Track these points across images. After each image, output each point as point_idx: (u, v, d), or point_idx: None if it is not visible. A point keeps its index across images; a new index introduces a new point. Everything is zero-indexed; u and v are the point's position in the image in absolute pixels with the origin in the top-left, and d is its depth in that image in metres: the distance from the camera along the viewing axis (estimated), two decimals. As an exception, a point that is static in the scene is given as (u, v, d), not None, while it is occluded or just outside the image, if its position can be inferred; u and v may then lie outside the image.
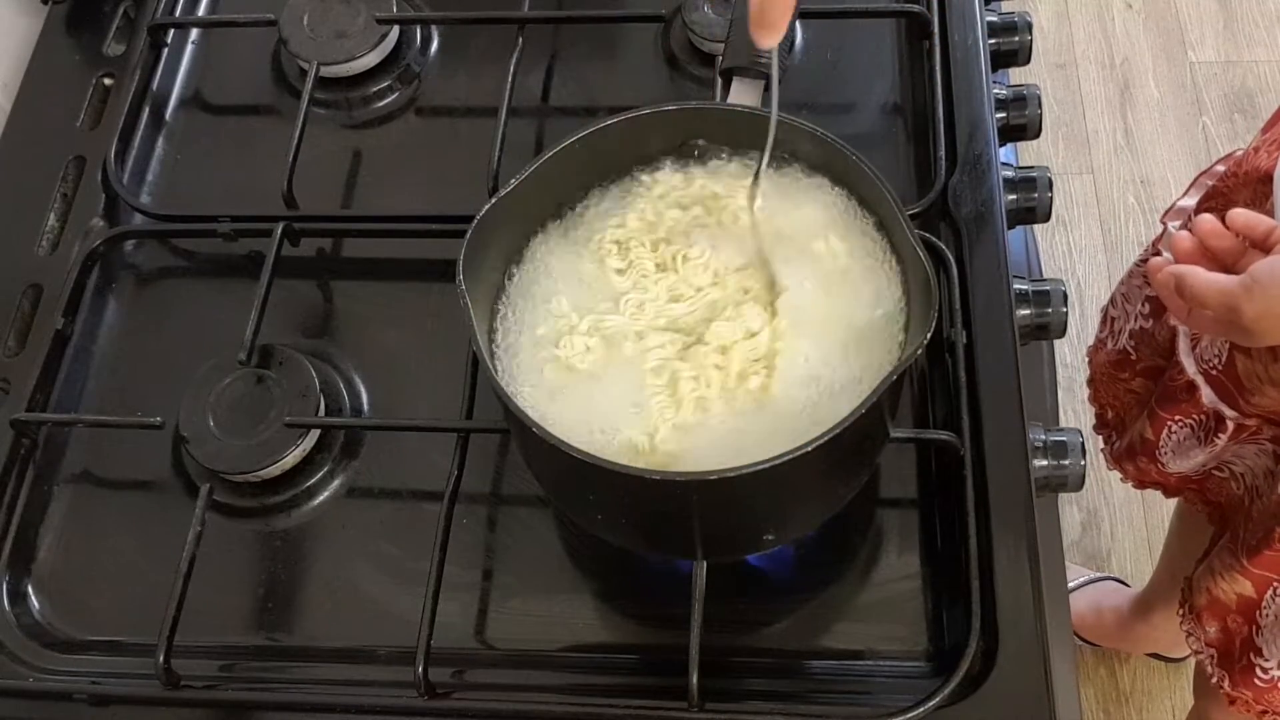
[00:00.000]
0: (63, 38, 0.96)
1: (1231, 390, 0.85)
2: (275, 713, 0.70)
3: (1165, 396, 0.93)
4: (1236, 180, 0.88)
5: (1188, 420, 0.91)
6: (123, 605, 0.75)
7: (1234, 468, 0.94)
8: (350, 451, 0.79)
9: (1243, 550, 0.91)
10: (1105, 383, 1.08)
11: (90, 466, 0.80)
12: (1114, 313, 1.07)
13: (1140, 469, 1.02)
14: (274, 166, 0.84)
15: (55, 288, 0.83)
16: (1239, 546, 0.92)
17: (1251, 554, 0.89)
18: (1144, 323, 0.99)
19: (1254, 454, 0.91)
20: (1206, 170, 0.95)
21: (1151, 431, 0.96)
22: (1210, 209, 0.91)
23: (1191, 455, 0.93)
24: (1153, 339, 0.97)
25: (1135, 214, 1.89)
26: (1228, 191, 0.89)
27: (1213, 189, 0.92)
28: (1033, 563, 0.69)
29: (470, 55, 0.94)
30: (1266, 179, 0.81)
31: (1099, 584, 1.54)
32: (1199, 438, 0.91)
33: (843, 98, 0.89)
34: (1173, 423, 0.93)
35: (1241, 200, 0.86)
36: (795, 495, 0.64)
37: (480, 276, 0.65)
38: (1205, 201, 0.92)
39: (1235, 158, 0.90)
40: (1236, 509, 0.95)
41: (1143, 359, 1.00)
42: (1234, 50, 2.02)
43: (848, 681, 0.70)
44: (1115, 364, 1.04)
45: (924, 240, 0.65)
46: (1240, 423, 0.86)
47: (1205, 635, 0.97)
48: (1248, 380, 0.83)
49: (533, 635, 0.72)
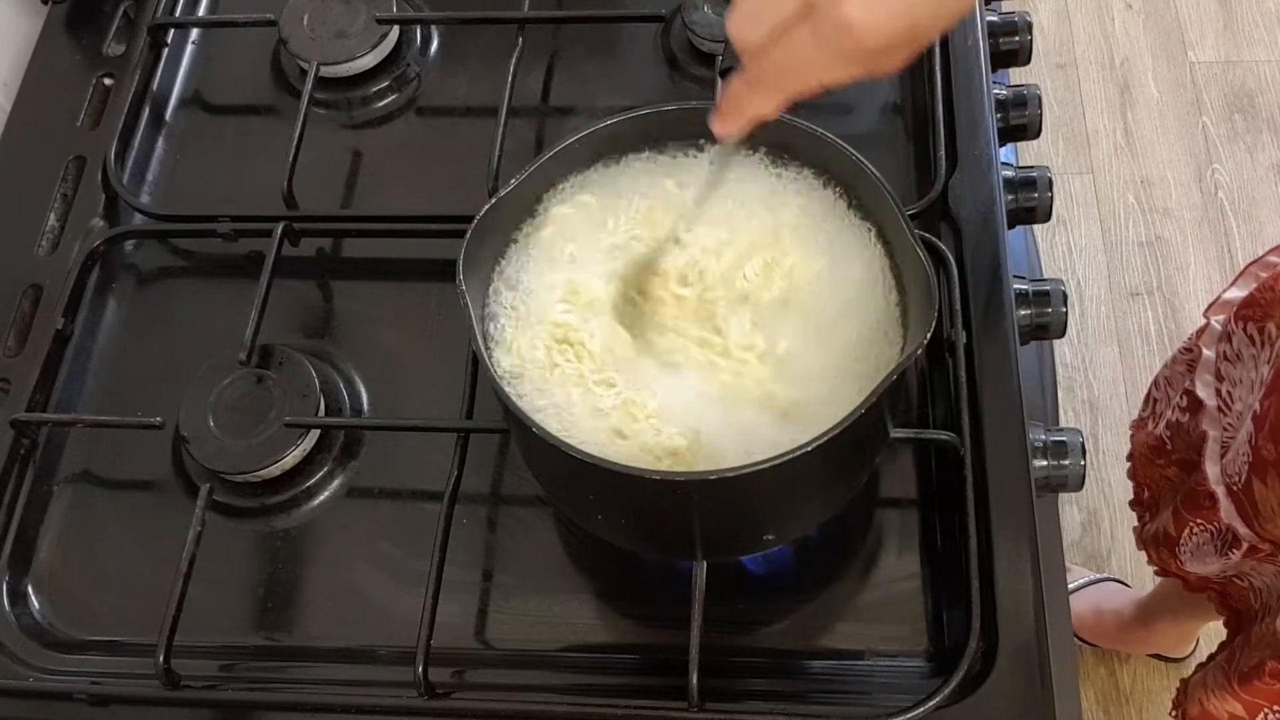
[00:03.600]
0: (63, 38, 0.96)
1: (1248, 511, 0.84)
2: (275, 713, 0.70)
3: (1189, 499, 0.92)
4: (1273, 295, 0.86)
5: (1209, 527, 0.90)
6: (123, 605, 0.75)
7: (1253, 580, 0.93)
8: (350, 451, 0.79)
9: (1234, 675, 0.91)
10: (1144, 464, 1.06)
11: (90, 466, 0.80)
12: (1156, 394, 1.05)
13: (1163, 559, 1.01)
14: (274, 166, 0.84)
15: (55, 288, 0.83)
16: (1232, 670, 0.92)
17: (1243, 681, 0.89)
18: (1180, 415, 0.97)
19: (1273, 574, 0.90)
20: (1258, 260, 0.93)
21: (1174, 528, 0.95)
22: (1247, 317, 0.89)
23: (1208, 562, 0.92)
24: (1187, 434, 0.96)
25: (1135, 214, 1.89)
26: (1265, 305, 0.87)
27: (1251, 298, 0.90)
28: (1033, 563, 0.69)
29: (470, 55, 0.94)
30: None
31: (1099, 585, 1.54)
32: (1215, 547, 0.90)
33: (843, 98, 0.89)
34: (1194, 525, 0.92)
35: (1276, 318, 0.85)
36: (795, 495, 0.64)
37: (480, 276, 0.65)
38: (1244, 308, 0.91)
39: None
40: (1252, 620, 0.94)
41: (1177, 450, 0.98)
42: (1234, 50, 2.02)
43: (848, 681, 0.70)
44: (1153, 449, 1.02)
45: (924, 240, 0.65)
46: (1254, 544, 0.86)
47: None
48: (1263, 506, 0.82)
49: (533, 635, 0.72)
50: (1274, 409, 0.78)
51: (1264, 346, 0.86)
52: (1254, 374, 0.87)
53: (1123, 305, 1.82)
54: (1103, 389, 1.74)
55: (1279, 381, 0.79)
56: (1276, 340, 0.84)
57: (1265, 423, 0.79)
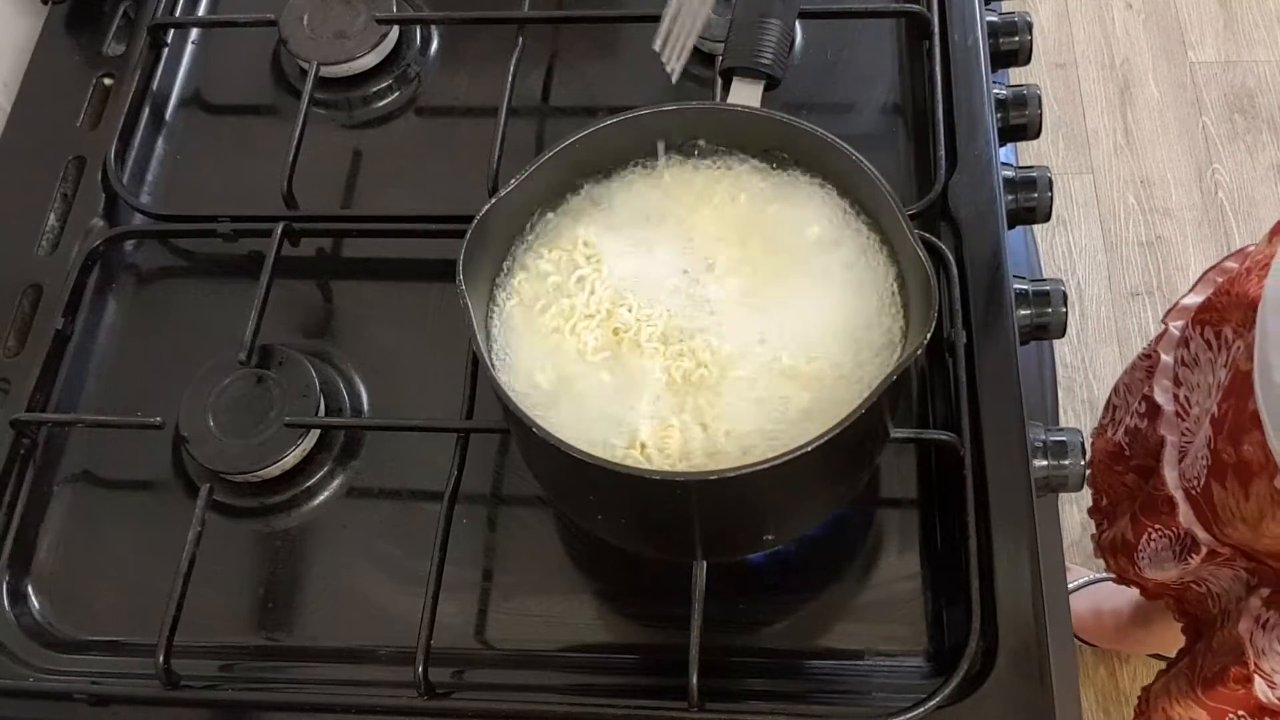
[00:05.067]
0: (63, 38, 0.96)
1: (1207, 515, 0.84)
2: (275, 713, 0.70)
3: (1147, 504, 0.92)
4: (1229, 299, 0.86)
5: (1167, 532, 0.90)
6: (123, 605, 0.75)
7: (1210, 586, 0.93)
8: (350, 451, 0.79)
9: (1199, 681, 0.90)
10: (1102, 471, 1.06)
11: (90, 466, 0.80)
12: (1116, 401, 1.05)
13: (1121, 566, 1.01)
14: (274, 166, 0.84)
15: (55, 288, 0.83)
16: (1195, 676, 0.91)
17: (1207, 687, 0.89)
18: (1139, 421, 0.97)
19: (1229, 578, 0.90)
20: (1215, 266, 0.93)
21: (1132, 534, 0.95)
22: (1205, 321, 0.89)
23: (1166, 567, 0.92)
24: (1145, 440, 0.96)
25: (1135, 214, 1.90)
26: (1221, 309, 0.87)
27: (1208, 302, 0.90)
28: (1033, 563, 0.69)
29: (470, 55, 0.94)
30: (1254, 306, 0.80)
31: (1099, 585, 1.54)
32: (1174, 552, 0.90)
33: (843, 98, 0.89)
34: (1153, 530, 0.91)
35: (1234, 321, 0.85)
36: (795, 495, 0.64)
37: (480, 276, 0.65)
38: (1201, 312, 0.90)
39: (1247, 254, 0.88)
40: (1210, 625, 0.94)
41: (1135, 456, 0.98)
42: (1234, 50, 2.02)
43: (847, 681, 0.70)
44: (1112, 455, 1.02)
45: (924, 240, 0.65)
46: (1213, 548, 0.85)
47: None
48: (1222, 510, 0.81)
49: (533, 635, 0.72)
50: (1232, 412, 0.78)
51: (1221, 350, 0.86)
52: (1211, 378, 0.87)
53: (1123, 305, 1.82)
54: (1103, 389, 1.74)
55: (1235, 384, 0.78)
56: (1234, 344, 0.84)
57: (1224, 425, 0.79)
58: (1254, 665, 0.85)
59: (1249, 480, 0.77)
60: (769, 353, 0.64)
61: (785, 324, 0.65)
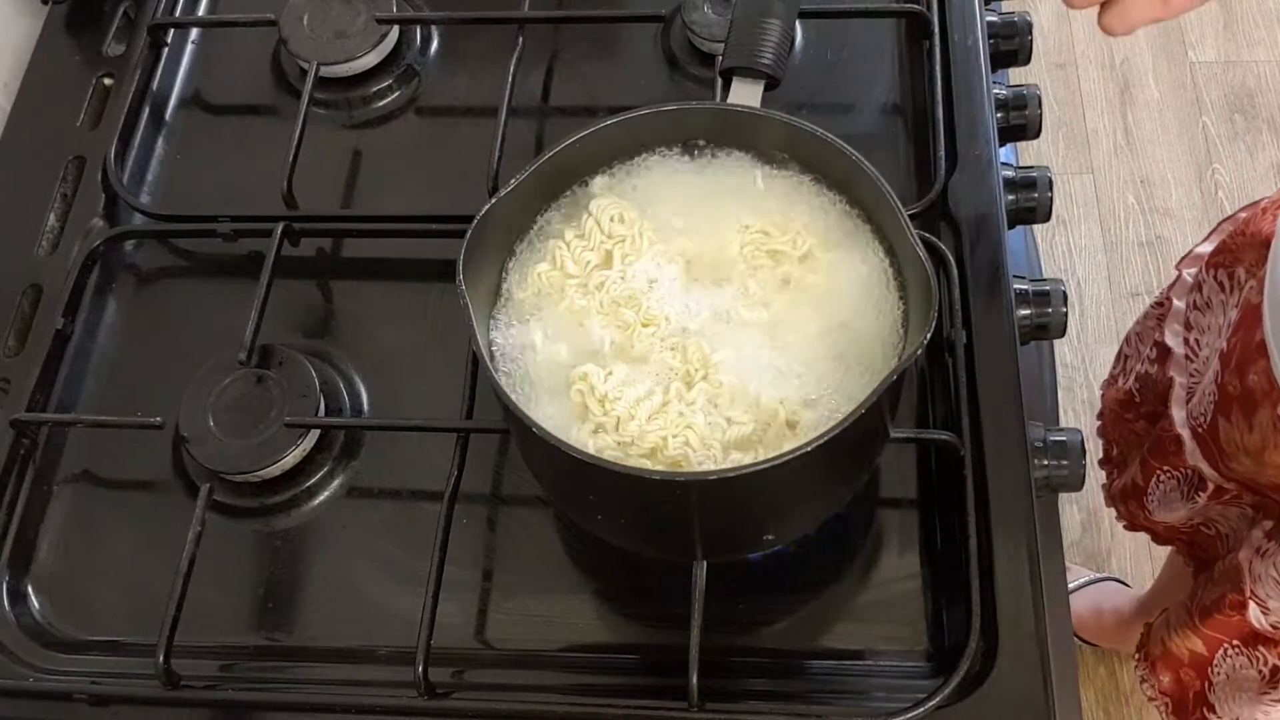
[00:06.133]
0: (63, 38, 0.96)
1: (1213, 451, 0.84)
2: (275, 713, 0.70)
3: (1155, 446, 0.92)
4: (1244, 239, 0.87)
5: (1175, 473, 0.91)
6: (123, 605, 0.75)
7: (1219, 526, 0.94)
8: (350, 451, 0.79)
9: (1196, 610, 0.91)
10: (1113, 420, 1.07)
11: (90, 466, 0.80)
12: (1127, 350, 1.06)
13: (1131, 512, 1.02)
14: (274, 166, 0.84)
15: (55, 288, 0.83)
16: (1194, 605, 0.92)
17: (1204, 615, 0.89)
18: (1149, 367, 0.98)
19: (1237, 517, 0.90)
20: (1229, 216, 0.94)
21: (1142, 478, 0.96)
22: (1218, 264, 0.90)
23: (1174, 508, 0.92)
24: (1155, 385, 0.96)
25: (1135, 214, 1.90)
26: (1235, 250, 0.88)
27: (1222, 244, 0.91)
28: (1033, 563, 0.69)
29: (470, 55, 0.94)
30: (1267, 243, 0.81)
31: (1099, 585, 1.54)
32: (1182, 492, 0.91)
33: (843, 98, 0.89)
34: (1161, 472, 0.92)
35: (1247, 261, 0.86)
36: (795, 495, 0.64)
37: (480, 276, 0.65)
38: (1215, 255, 0.91)
39: (1259, 206, 0.89)
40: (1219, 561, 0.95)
41: (1145, 402, 0.99)
42: (1234, 50, 2.02)
43: (848, 681, 0.70)
44: (1122, 403, 1.03)
45: (924, 240, 0.65)
46: (1220, 485, 0.86)
47: (1159, 684, 0.97)
48: (1227, 445, 0.82)
49: (533, 635, 0.72)
50: (1240, 344, 0.79)
51: (1233, 291, 0.87)
52: (1222, 319, 0.88)
53: (1123, 305, 1.82)
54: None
55: (1245, 318, 0.79)
56: (1246, 283, 0.85)
57: (1231, 358, 0.80)
58: (1249, 591, 0.85)
59: (1253, 410, 0.77)
60: (766, 354, 0.64)
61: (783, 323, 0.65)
